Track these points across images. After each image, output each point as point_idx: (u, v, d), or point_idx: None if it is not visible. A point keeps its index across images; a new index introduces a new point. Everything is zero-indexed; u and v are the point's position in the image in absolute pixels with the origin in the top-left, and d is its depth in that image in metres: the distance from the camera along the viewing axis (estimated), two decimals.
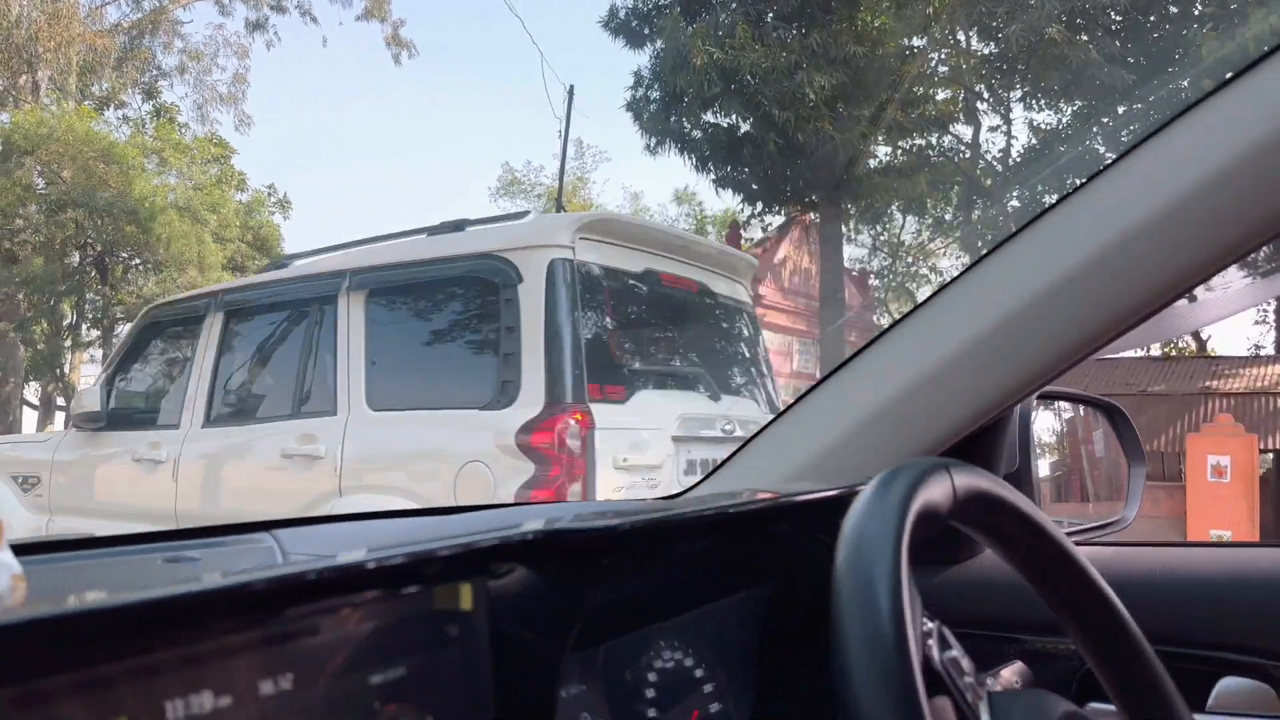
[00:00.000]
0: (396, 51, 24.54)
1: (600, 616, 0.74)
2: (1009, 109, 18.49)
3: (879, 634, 0.49)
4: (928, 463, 0.60)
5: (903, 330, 1.07)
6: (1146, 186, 0.87)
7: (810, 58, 13.44)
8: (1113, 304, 0.90)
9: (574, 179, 28.16)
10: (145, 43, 24.43)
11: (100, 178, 19.93)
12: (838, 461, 1.11)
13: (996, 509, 0.65)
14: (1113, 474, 1.50)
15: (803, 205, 17.03)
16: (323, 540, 1.00)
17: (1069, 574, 0.68)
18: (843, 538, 0.55)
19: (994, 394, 1.00)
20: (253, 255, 24.20)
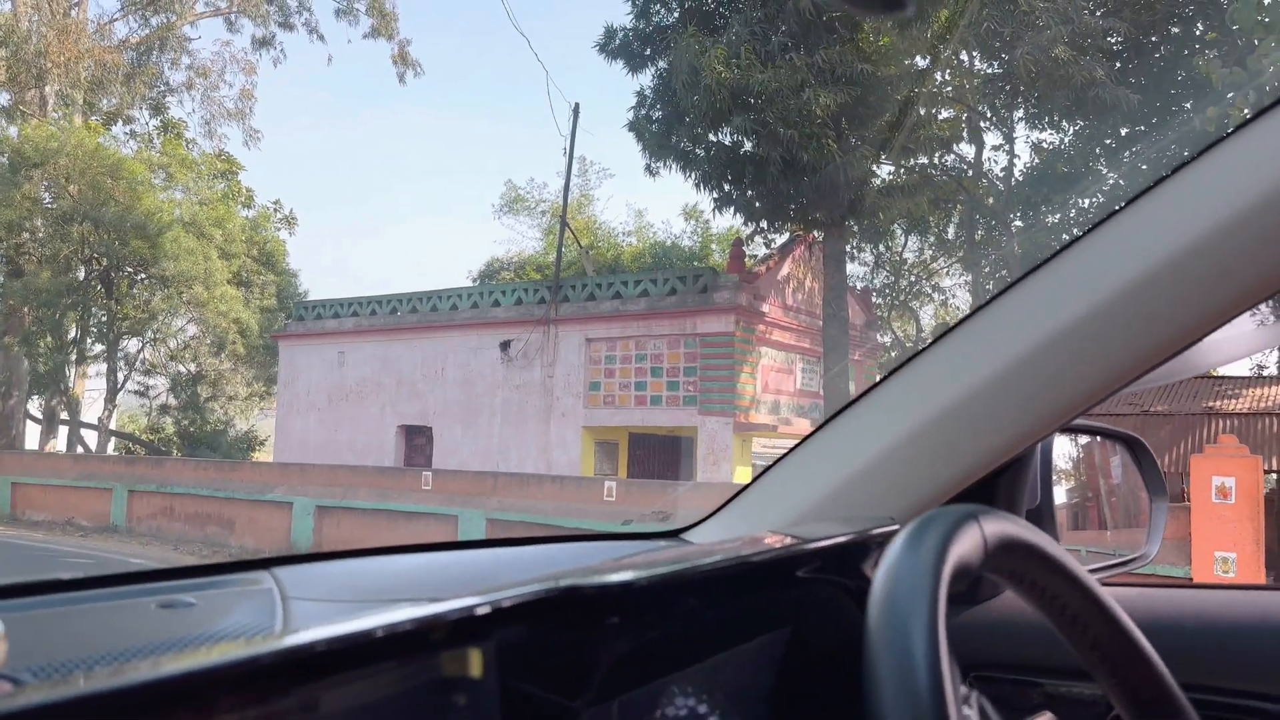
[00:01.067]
0: (402, 70, 24.71)
1: (615, 669, 0.72)
2: (1011, 128, 18.54)
3: (918, 711, 0.47)
4: (957, 513, 0.59)
5: (922, 365, 1.05)
6: (1177, 222, 0.85)
7: (817, 76, 13.51)
8: (1143, 340, 0.88)
9: (578, 196, 28.24)
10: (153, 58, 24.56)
11: (107, 192, 20.02)
12: (852, 500, 1.08)
13: (1026, 557, 0.64)
14: (1130, 503, 1.49)
15: (806, 223, 17.05)
16: (324, 581, 0.96)
17: (1099, 620, 0.66)
18: (874, 600, 0.53)
19: (1019, 431, 0.98)
20: (259, 270, 24.27)
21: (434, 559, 1.09)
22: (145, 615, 0.76)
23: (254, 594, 0.87)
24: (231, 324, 21.81)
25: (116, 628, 0.74)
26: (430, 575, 1.04)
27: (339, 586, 0.96)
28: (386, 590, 0.96)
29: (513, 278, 25.42)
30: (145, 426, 26.97)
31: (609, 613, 0.70)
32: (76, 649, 0.64)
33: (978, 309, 1.02)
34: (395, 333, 19.14)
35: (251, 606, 0.84)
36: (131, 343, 23.94)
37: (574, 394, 17.11)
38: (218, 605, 0.83)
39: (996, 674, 1.10)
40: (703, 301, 16.15)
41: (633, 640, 0.74)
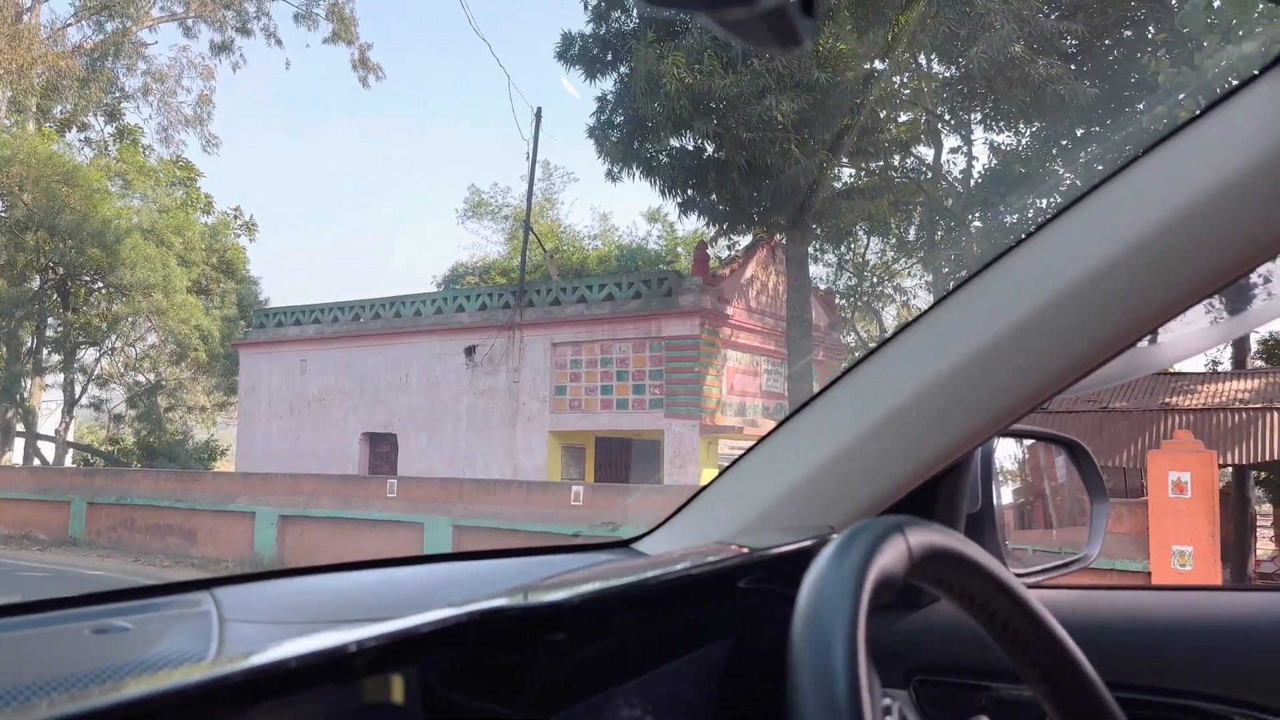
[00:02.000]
0: (364, 75, 24.51)
1: (553, 685, 0.72)
2: (969, 131, 18.78)
3: None
4: (883, 525, 0.60)
5: (863, 373, 1.06)
6: (1109, 226, 0.86)
7: (778, 81, 13.59)
8: (1078, 345, 0.90)
9: (541, 200, 28.19)
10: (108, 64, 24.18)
11: (63, 200, 19.68)
12: (798, 508, 1.09)
13: (953, 565, 0.65)
14: (1074, 503, 1.52)
15: (768, 227, 17.15)
16: (264, 602, 0.95)
17: (1026, 625, 0.68)
18: (798, 613, 0.54)
19: (957, 438, 1.00)
20: (219, 278, 23.97)
21: (379, 576, 1.08)
22: (78, 641, 0.75)
23: (191, 617, 0.86)
24: (192, 331, 21.52)
25: (47, 655, 0.72)
26: (373, 594, 1.03)
27: (279, 607, 0.95)
28: (326, 610, 0.95)
29: (477, 282, 25.32)
30: (104, 438, 26.54)
31: (550, 630, 0.70)
32: (3, 678, 0.63)
33: (915, 319, 1.03)
34: (358, 339, 18.98)
35: (188, 630, 0.83)
36: (89, 353, 23.58)
37: (540, 399, 17.07)
38: (153, 630, 0.82)
39: (939, 677, 1.10)
40: (667, 305, 16.18)
41: (574, 655, 0.74)
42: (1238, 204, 0.80)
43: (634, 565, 1.02)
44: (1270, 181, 0.79)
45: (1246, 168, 0.79)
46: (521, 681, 0.68)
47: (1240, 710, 0.95)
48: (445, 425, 17.80)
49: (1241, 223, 0.81)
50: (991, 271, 0.96)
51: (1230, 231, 0.81)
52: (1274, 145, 0.78)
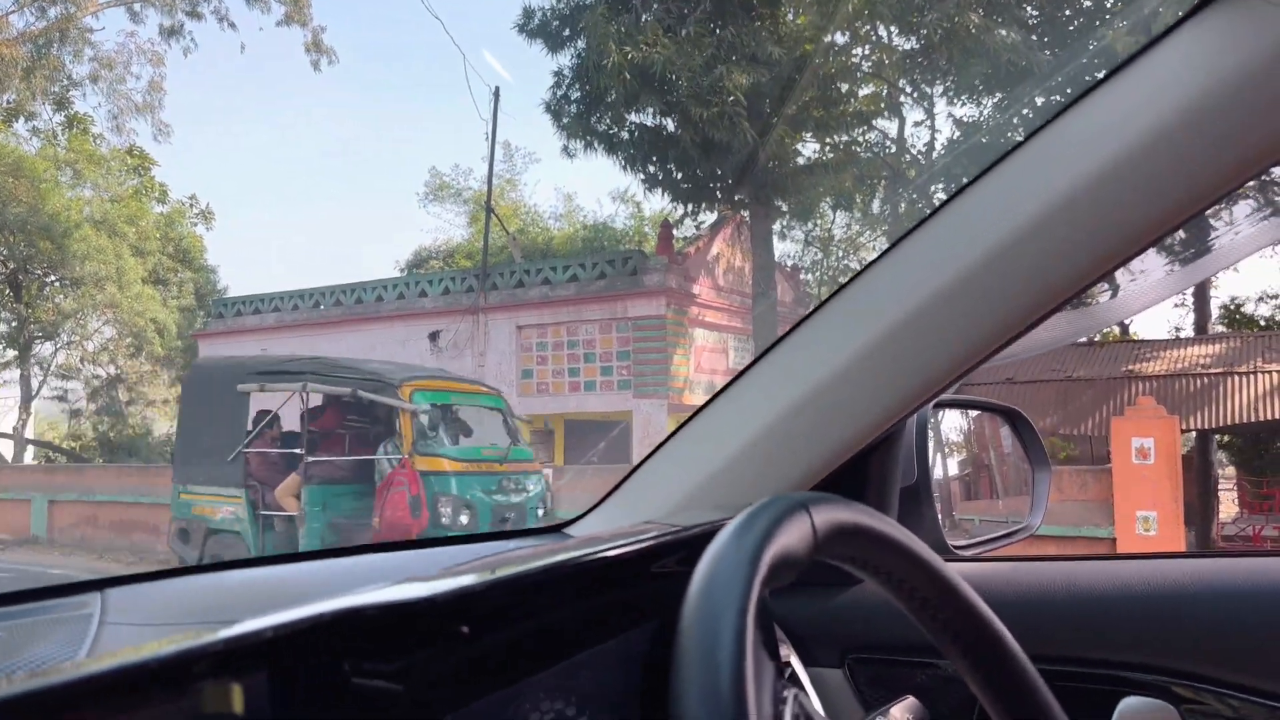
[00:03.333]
0: (317, 58, 24.05)
1: (447, 683, 0.69)
2: (932, 103, 18.80)
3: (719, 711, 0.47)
4: (785, 503, 0.58)
5: (788, 346, 1.05)
6: (1026, 191, 0.84)
7: (728, 53, 13.48)
8: (996, 312, 0.88)
9: (503, 181, 27.99)
10: (54, 51, 23.61)
11: (10, 192, 19.27)
12: (725, 488, 1.07)
13: (863, 541, 0.63)
14: (1019, 472, 1.49)
15: (733, 204, 17.11)
16: (153, 603, 0.93)
17: (944, 599, 0.66)
18: (690, 594, 0.53)
19: (883, 409, 0.98)
20: (175, 268, 23.62)
21: (285, 570, 1.07)
22: None
23: (71, 620, 0.83)
24: (149, 324, 21.19)
25: None
26: (270, 590, 1.01)
27: (164, 608, 0.93)
28: (211, 610, 0.94)
29: (441, 266, 25.12)
30: (65, 434, 26.15)
31: (444, 622, 0.66)
32: None
33: (835, 291, 1.02)
34: (319, 327, 18.76)
35: (61, 635, 0.81)
36: (45, 347, 23.18)
37: (506, 383, 16.96)
38: (23, 635, 0.80)
39: (874, 655, 1.10)
40: (633, 285, 16.12)
41: (475, 647, 0.70)
42: (1162, 158, 0.78)
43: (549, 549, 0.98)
44: (1192, 132, 0.76)
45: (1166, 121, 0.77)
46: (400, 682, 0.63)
47: (1177, 680, 0.94)
48: None
49: (1165, 178, 0.78)
50: (914, 238, 0.94)
51: (1154, 188, 0.79)
52: (1194, 96, 0.76)
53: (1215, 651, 0.93)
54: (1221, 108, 0.75)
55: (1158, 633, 0.96)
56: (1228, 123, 0.75)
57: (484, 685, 0.73)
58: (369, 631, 0.61)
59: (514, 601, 0.75)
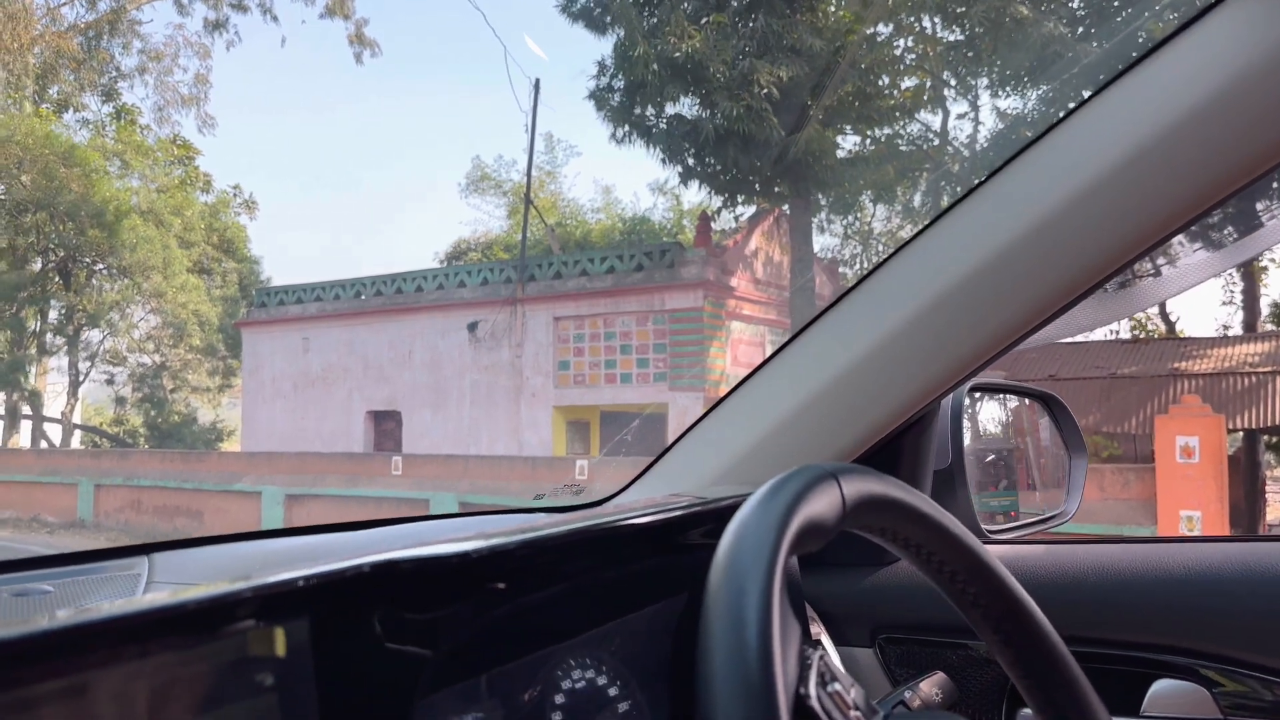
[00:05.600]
0: (359, 50, 24.30)
1: (484, 643, 0.70)
2: (976, 95, 18.56)
3: (745, 671, 0.47)
4: (814, 471, 0.58)
5: (822, 327, 1.05)
6: (1064, 169, 0.84)
7: (763, 45, 13.36)
8: (1029, 294, 0.88)
9: (543, 174, 28.04)
10: (103, 43, 24.05)
11: (62, 181, 19.66)
12: (759, 463, 1.08)
13: (892, 513, 0.62)
14: (1058, 462, 1.47)
15: (772, 196, 17.01)
16: (198, 566, 0.95)
17: (976, 575, 0.65)
18: (717, 558, 0.53)
19: (915, 390, 0.98)
20: (219, 258, 23.95)
21: (325, 539, 1.09)
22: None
23: (118, 580, 0.86)
24: (191, 315, 21.51)
25: None
26: (304, 555, 1.02)
27: (208, 570, 0.95)
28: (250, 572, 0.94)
29: (480, 258, 25.24)
30: (110, 419, 26.65)
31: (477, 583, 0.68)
32: None
33: (869, 271, 1.02)
34: (361, 317, 18.95)
35: (110, 592, 0.84)
36: (93, 334, 23.63)
37: (543, 374, 17.03)
38: (73, 592, 0.82)
39: (906, 635, 1.10)
40: (670, 277, 16.09)
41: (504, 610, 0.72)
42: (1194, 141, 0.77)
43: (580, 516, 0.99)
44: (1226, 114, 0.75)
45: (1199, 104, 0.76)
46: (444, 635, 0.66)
47: (1210, 663, 0.93)
48: (449, 402, 17.79)
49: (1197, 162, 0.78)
50: (947, 220, 0.94)
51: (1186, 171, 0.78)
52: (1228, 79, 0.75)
53: (1248, 635, 0.92)
54: (1254, 91, 0.74)
55: (1190, 615, 0.95)
56: (1263, 105, 0.74)
57: (517, 648, 0.75)
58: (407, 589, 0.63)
59: (545, 565, 0.76)
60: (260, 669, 0.57)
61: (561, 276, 17.23)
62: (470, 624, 0.68)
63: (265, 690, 0.57)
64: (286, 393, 19.67)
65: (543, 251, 20.62)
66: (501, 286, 17.65)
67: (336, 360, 19.12)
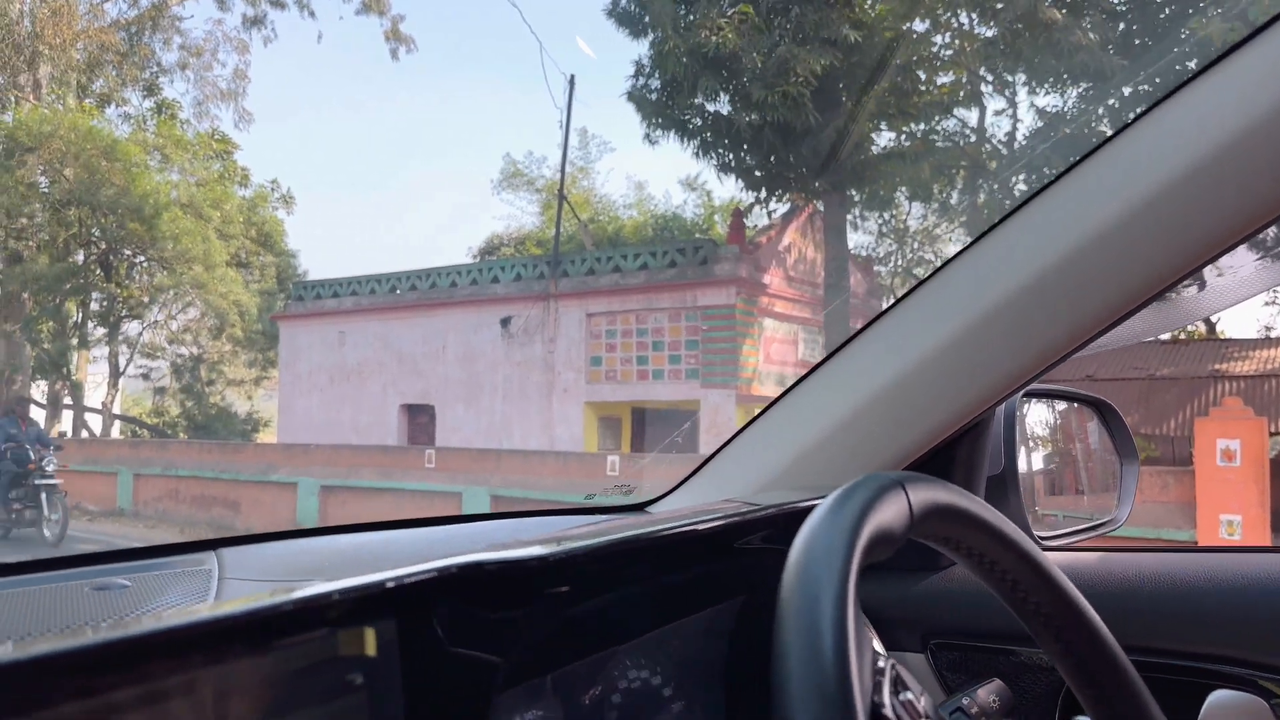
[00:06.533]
0: (395, 46, 24.44)
1: (549, 644, 0.71)
2: (1014, 92, 18.35)
3: (822, 680, 0.47)
4: (883, 480, 0.58)
5: (878, 332, 1.04)
6: (1125, 178, 0.83)
7: (799, 38, 13.28)
8: (1090, 302, 0.87)
9: (576, 169, 28.08)
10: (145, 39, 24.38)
11: (103, 175, 19.95)
12: (813, 468, 1.08)
13: (957, 522, 0.63)
14: (1106, 467, 1.46)
15: (806, 192, 16.92)
16: (266, 561, 0.97)
17: (1038, 585, 0.65)
18: (788, 567, 0.53)
19: (973, 397, 0.98)
20: (257, 251, 24.21)
21: (385, 536, 1.10)
22: (77, 597, 0.78)
23: (192, 575, 0.88)
24: (231, 305, 21.77)
25: (45, 610, 0.75)
26: (375, 553, 1.05)
27: (281, 566, 0.97)
28: (321, 569, 0.97)
29: (513, 253, 25.33)
30: (149, 409, 27.04)
31: (545, 585, 0.69)
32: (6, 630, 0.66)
33: (927, 277, 1.01)
34: (395, 311, 19.09)
35: (186, 587, 0.85)
36: (133, 326, 23.98)
37: (575, 369, 17.07)
38: (151, 586, 0.84)
39: (958, 641, 1.10)
40: (703, 274, 16.07)
41: (570, 613, 0.72)
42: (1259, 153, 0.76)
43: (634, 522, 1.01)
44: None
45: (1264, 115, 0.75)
46: (508, 638, 0.67)
47: (1268, 674, 0.93)
48: (482, 396, 17.88)
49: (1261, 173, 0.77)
50: (1000, 231, 0.93)
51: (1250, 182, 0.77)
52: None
53: None
54: None
55: (1249, 626, 0.95)
56: None
57: (580, 649, 0.76)
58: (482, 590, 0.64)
59: (612, 568, 0.76)
60: (351, 668, 0.58)
61: (595, 272, 17.26)
62: (540, 624, 0.70)
63: (355, 689, 0.58)
64: (322, 385, 19.87)
65: (576, 247, 20.66)
66: (535, 282, 17.70)
67: (371, 354, 19.28)
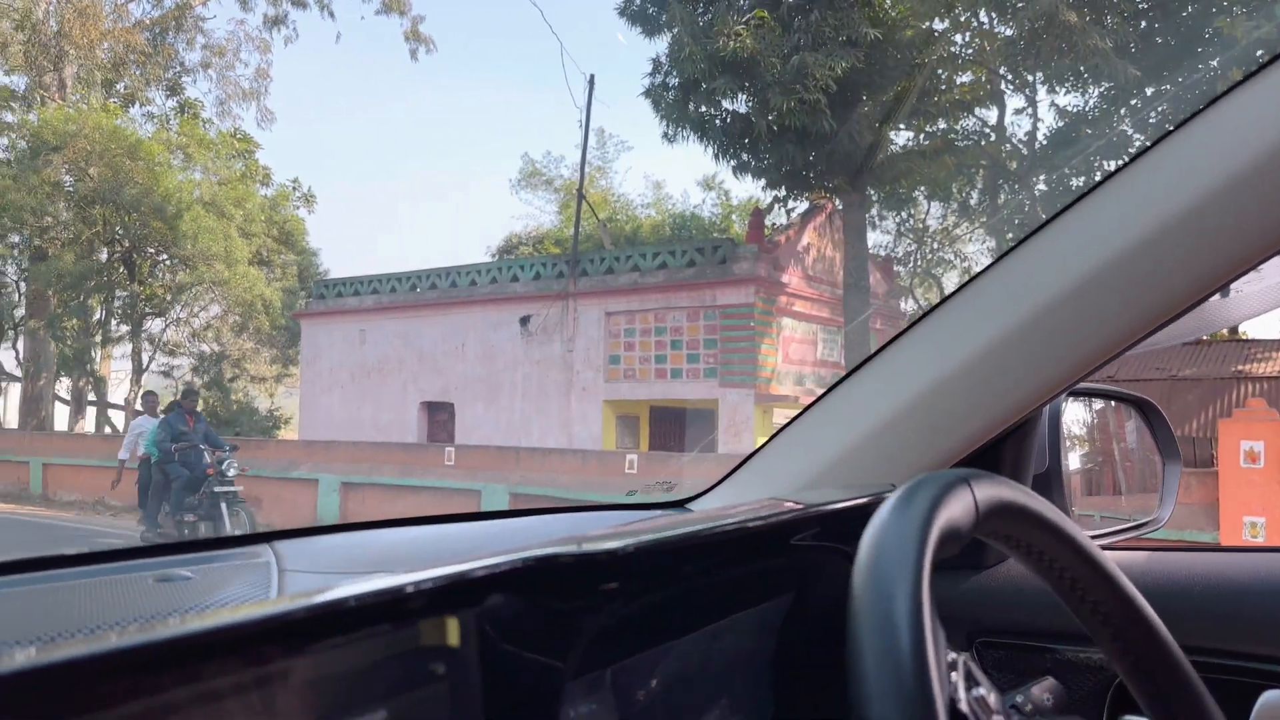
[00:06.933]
0: (415, 46, 24.54)
1: (608, 637, 0.72)
2: (1034, 91, 18.25)
3: (900, 676, 0.46)
4: (948, 477, 0.58)
5: (925, 329, 1.04)
6: (1178, 179, 0.83)
7: (817, 40, 13.25)
8: (1144, 301, 0.87)
9: (595, 168, 28.10)
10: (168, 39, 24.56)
11: (127, 174, 20.09)
12: (857, 466, 1.08)
13: (1020, 520, 0.62)
14: (1145, 467, 1.47)
15: (825, 191, 16.89)
16: (321, 554, 0.97)
17: (1097, 582, 0.65)
18: (859, 565, 0.52)
19: (1023, 395, 0.97)
20: (279, 249, 24.34)
21: (434, 531, 1.11)
22: (141, 589, 0.79)
23: (251, 567, 0.89)
24: (255, 300, 21.90)
25: (112, 601, 0.76)
26: (426, 547, 1.06)
27: (334, 559, 0.98)
28: (379, 562, 0.98)
29: (531, 252, 25.37)
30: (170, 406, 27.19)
31: (605, 580, 0.69)
32: (70, 621, 0.67)
33: (976, 274, 1.01)
34: (415, 310, 19.17)
35: (247, 579, 0.86)
36: (155, 323, 24.15)
37: (594, 368, 17.10)
38: (213, 579, 0.85)
39: (1003, 639, 1.10)
40: (722, 273, 16.06)
41: (629, 608, 0.73)
42: None
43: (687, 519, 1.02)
44: None
45: None
46: (577, 631, 0.68)
47: None
48: (501, 394, 17.94)
49: None
50: (1053, 228, 0.93)
51: None
52: None
53: None
54: None
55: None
56: None
57: (636, 644, 0.77)
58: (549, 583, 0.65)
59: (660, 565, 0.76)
60: (433, 658, 0.59)
61: (613, 272, 17.28)
62: (603, 616, 0.70)
63: (437, 679, 0.60)
64: (343, 383, 19.98)
65: (594, 246, 20.69)
66: (553, 281, 17.74)
67: (391, 352, 19.38)
